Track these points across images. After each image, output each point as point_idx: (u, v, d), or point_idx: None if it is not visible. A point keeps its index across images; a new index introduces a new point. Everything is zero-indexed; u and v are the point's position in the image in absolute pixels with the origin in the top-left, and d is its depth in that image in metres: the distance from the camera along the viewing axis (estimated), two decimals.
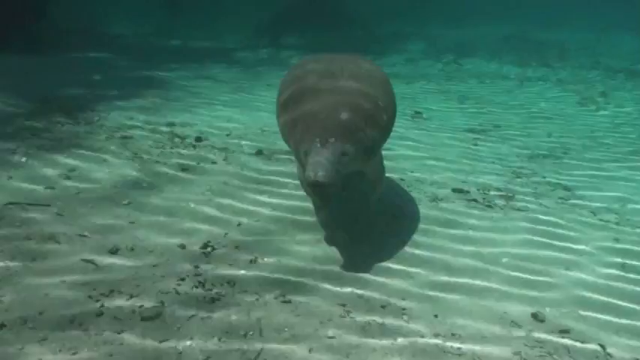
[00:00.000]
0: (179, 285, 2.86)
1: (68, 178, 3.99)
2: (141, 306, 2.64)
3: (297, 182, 4.31)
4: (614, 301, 3.12)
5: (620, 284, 3.30)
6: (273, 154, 4.97)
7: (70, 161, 4.28)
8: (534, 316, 2.85)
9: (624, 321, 2.94)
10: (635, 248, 3.78)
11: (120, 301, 2.66)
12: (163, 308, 2.65)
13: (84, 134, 4.96)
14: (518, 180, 4.92)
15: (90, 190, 3.84)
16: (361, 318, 2.74)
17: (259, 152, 4.99)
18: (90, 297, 2.66)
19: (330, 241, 3.46)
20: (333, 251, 3.35)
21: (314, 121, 3.04)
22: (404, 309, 2.85)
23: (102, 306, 2.61)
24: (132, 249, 3.16)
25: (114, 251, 3.10)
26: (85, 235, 3.24)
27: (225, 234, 3.45)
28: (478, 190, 4.57)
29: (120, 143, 4.83)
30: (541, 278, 3.28)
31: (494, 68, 11.90)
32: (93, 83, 7.23)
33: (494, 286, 3.15)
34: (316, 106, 3.10)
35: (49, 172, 4.04)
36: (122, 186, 3.96)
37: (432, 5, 20.95)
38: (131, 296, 2.71)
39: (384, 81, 3.49)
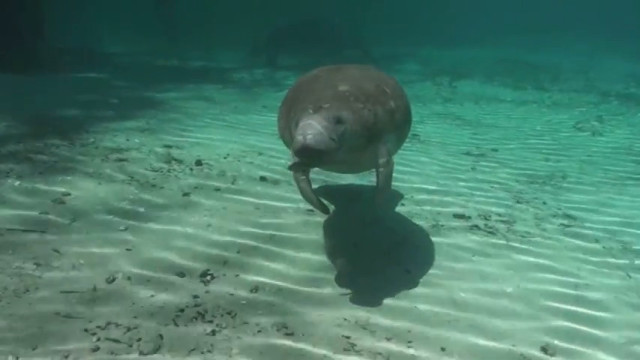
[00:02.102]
0: (178, 317, 2.77)
1: (62, 202, 3.90)
2: (139, 340, 2.54)
3: (294, 209, 4.25)
4: (623, 328, 3.05)
5: (629, 312, 3.24)
6: (272, 177, 4.90)
7: (65, 185, 4.20)
8: (544, 349, 2.78)
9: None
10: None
11: (116, 335, 2.56)
12: (162, 342, 2.55)
13: (79, 156, 4.88)
14: (519, 205, 4.88)
15: (85, 216, 3.74)
16: (366, 351, 2.65)
17: (258, 176, 4.93)
18: (85, 330, 2.56)
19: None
20: (336, 279, 3.27)
21: (308, 94, 2.88)
22: (410, 341, 2.77)
23: (98, 340, 2.51)
24: (129, 278, 3.06)
25: (110, 280, 3.01)
26: (80, 263, 3.14)
27: (225, 260, 3.37)
28: (479, 215, 4.52)
29: (116, 166, 4.76)
30: (547, 308, 3.21)
31: (490, 90, 11.96)
32: (88, 104, 7.16)
33: (500, 317, 3.07)
34: (313, 87, 2.98)
35: (44, 196, 3.95)
36: (118, 211, 3.88)
37: (426, 27, 21.19)
38: (128, 329, 2.61)
39: (394, 82, 3.38)
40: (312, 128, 2.59)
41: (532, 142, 7.48)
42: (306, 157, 2.63)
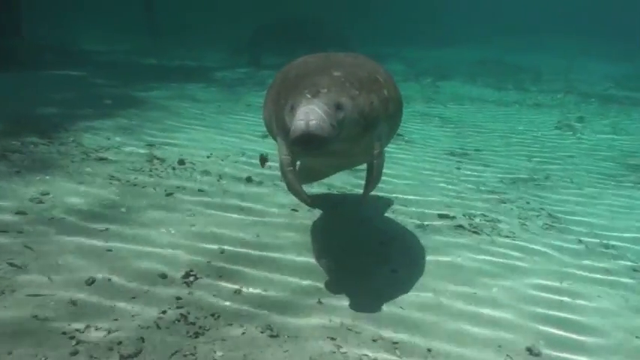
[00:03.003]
0: (160, 318, 2.70)
1: (41, 202, 3.80)
2: (119, 343, 2.47)
3: (278, 210, 4.21)
4: (609, 330, 3.06)
5: (611, 309, 3.26)
6: (256, 177, 4.85)
7: (44, 184, 4.09)
8: (529, 350, 2.77)
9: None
10: (622, 272, 3.76)
11: (97, 338, 2.49)
12: (143, 345, 2.49)
13: (58, 155, 4.77)
14: (503, 205, 4.89)
15: (64, 216, 3.65)
16: (353, 353, 2.62)
17: (242, 176, 4.87)
18: (64, 333, 2.48)
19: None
20: (321, 280, 3.23)
21: (301, 79, 2.74)
22: (395, 342, 2.74)
23: (77, 343, 2.43)
24: (109, 279, 2.99)
25: (90, 282, 2.93)
26: (58, 265, 3.06)
27: (208, 262, 3.31)
28: (464, 215, 4.52)
29: (96, 165, 4.66)
30: (532, 308, 3.21)
31: (473, 91, 12.04)
32: (68, 102, 7.02)
33: (486, 317, 3.06)
34: (304, 71, 2.84)
35: (21, 196, 3.85)
36: (99, 211, 3.79)
37: (410, 28, 21.28)
38: (109, 332, 2.54)
39: (385, 70, 3.27)
40: (315, 113, 2.45)
41: (515, 142, 7.53)
42: (305, 145, 2.46)
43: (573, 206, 5.06)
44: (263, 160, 3.79)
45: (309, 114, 2.46)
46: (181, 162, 4.99)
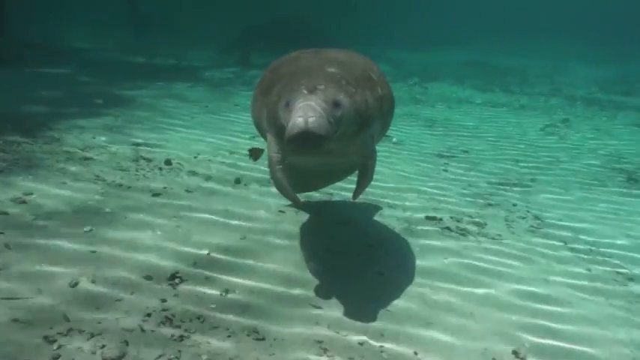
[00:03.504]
0: (145, 321, 2.67)
1: (24, 202, 3.74)
2: (103, 346, 2.43)
3: (265, 212, 4.18)
4: (592, 334, 3.09)
5: (596, 315, 3.28)
6: (244, 178, 4.82)
7: (27, 184, 4.03)
8: (515, 353, 2.78)
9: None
10: (607, 277, 3.79)
11: (79, 342, 2.45)
12: (127, 348, 2.45)
13: (42, 155, 4.71)
14: (490, 207, 4.92)
15: (47, 216, 3.59)
16: (339, 355, 2.61)
17: (229, 176, 4.83)
18: (45, 337, 2.44)
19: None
20: (309, 283, 3.21)
21: (294, 74, 2.66)
22: (382, 345, 2.73)
23: (59, 347, 2.39)
24: (93, 281, 2.94)
25: (73, 284, 2.88)
26: (41, 267, 3.01)
27: (194, 264, 3.27)
28: (451, 217, 4.53)
29: (81, 165, 4.60)
30: (519, 310, 3.22)
31: (460, 92, 12.10)
32: (53, 100, 6.93)
33: (472, 321, 3.07)
34: (296, 67, 2.77)
35: (3, 196, 3.78)
36: (83, 212, 3.74)
37: (397, 28, 21.34)
38: (92, 335, 2.50)
39: (377, 67, 3.23)
40: (313, 111, 2.36)
41: (502, 144, 7.57)
42: (303, 143, 2.36)
43: (559, 209, 5.10)
44: (256, 152, 3.61)
45: (308, 111, 2.38)
46: (168, 162, 4.94)
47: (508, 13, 27.36)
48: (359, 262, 3.55)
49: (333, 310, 2.97)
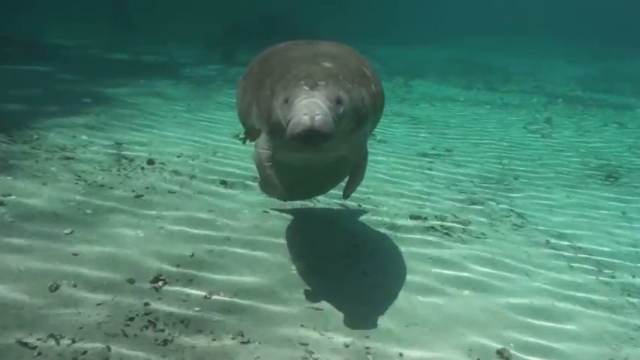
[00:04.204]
0: (127, 326, 2.63)
1: (2, 203, 3.65)
2: (84, 352, 2.39)
3: (250, 212, 4.15)
4: (575, 333, 3.12)
5: (578, 313, 3.31)
6: (227, 178, 4.78)
7: (5, 185, 3.94)
8: (500, 353, 2.80)
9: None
10: (589, 274, 3.84)
11: (60, 348, 2.40)
12: (110, 354, 2.41)
13: (20, 154, 4.61)
14: (473, 207, 4.94)
15: (27, 218, 3.52)
16: (324, 358, 2.60)
17: (213, 176, 4.79)
18: (25, 344, 2.38)
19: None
20: (293, 285, 3.20)
21: (290, 69, 2.56)
22: (368, 347, 2.73)
23: (39, 354, 2.34)
24: (74, 285, 2.89)
25: (54, 288, 2.82)
26: (20, 270, 2.95)
27: (178, 266, 3.23)
28: (435, 217, 4.55)
29: (61, 165, 4.52)
30: (503, 311, 3.24)
31: (444, 90, 12.16)
32: (32, 98, 6.80)
33: (458, 320, 3.08)
34: (289, 59, 2.66)
35: None
36: (64, 213, 3.67)
37: (380, 26, 21.37)
38: (73, 341, 2.45)
39: (370, 64, 3.14)
40: (320, 108, 2.29)
41: (485, 142, 7.62)
42: (307, 141, 2.29)
43: (542, 208, 5.15)
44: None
45: (314, 108, 2.30)
46: (150, 162, 4.88)
47: (493, 11, 27.56)
48: (344, 263, 3.54)
49: (319, 312, 2.96)
